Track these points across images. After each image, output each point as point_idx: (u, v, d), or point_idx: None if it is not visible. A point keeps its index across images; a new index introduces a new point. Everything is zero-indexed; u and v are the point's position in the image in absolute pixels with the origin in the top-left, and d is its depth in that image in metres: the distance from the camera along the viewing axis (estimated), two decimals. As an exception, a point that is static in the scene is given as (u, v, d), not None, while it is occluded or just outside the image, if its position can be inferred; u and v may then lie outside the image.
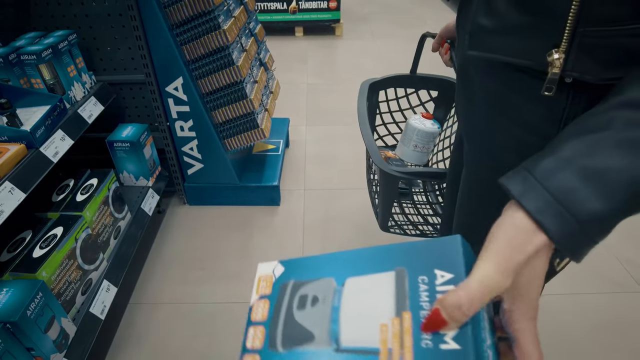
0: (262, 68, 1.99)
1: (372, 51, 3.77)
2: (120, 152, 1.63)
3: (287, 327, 0.40)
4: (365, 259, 0.40)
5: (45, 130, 1.24)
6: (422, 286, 0.36)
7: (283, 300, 0.41)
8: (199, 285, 1.64)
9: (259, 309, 0.42)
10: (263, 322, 0.41)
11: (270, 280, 0.44)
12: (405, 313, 0.35)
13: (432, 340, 0.33)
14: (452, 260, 0.36)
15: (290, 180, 2.18)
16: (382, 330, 0.36)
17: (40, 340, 1.04)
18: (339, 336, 0.37)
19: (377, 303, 0.37)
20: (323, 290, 0.40)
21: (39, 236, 1.19)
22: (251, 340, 0.41)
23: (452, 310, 0.32)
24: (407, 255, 0.38)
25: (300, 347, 0.38)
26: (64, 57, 1.40)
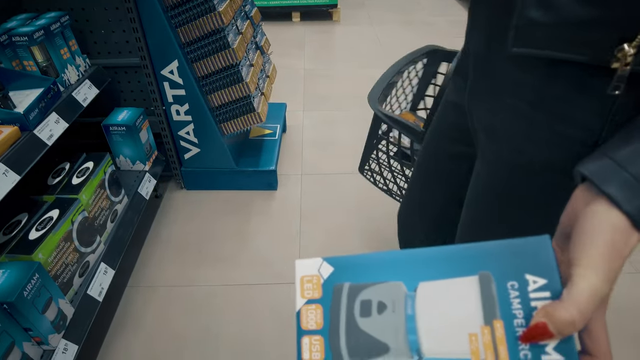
0: (258, 52, 1.98)
1: (370, 36, 3.74)
2: (116, 136, 1.62)
3: (352, 337, 0.36)
4: (438, 260, 0.36)
5: (39, 113, 1.23)
6: (513, 292, 0.33)
7: (340, 306, 0.37)
8: (196, 269, 1.64)
9: (310, 315, 0.38)
10: (319, 331, 0.37)
11: (317, 281, 0.39)
12: (497, 322, 0.33)
13: (530, 350, 0.32)
14: (544, 264, 0.33)
15: (288, 165, 2.18)
16: (471, 340, 0.33)
17: (38, 320, 1.05)
18: (420, 347, 0.34)
19: (461, 311, 0.34)
20: (390, 296, 0.36)
21: (34, 219, 1.19)
22: (308, 352, 0.37)
23: (563, 326, 0.31)
24: (489, 257, 0.35)
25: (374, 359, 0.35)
26: (56, 39, 1.39)
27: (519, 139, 0.55)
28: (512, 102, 0.55)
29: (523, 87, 0.53)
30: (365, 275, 0.38)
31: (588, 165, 0.37)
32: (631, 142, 0.37)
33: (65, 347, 1.15)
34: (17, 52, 1.32)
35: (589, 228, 0.35)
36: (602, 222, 0.34)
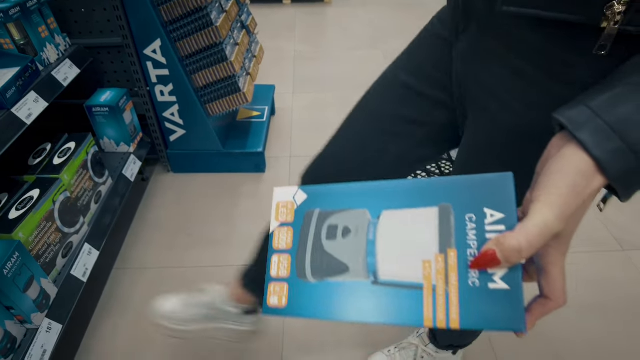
0: (244, 31, 1.95)
1: (362, 18, 3.69)
2: (100, 117, 1.60)
3: (317, 257, 0.39)
4: (403, 192, 0.38)
5: (16, 92, 1.21)
6: (470, 224, 0.35)
7: (309, 229, 0.40)
8: (185, 251, 1.64)
9: (282, 237, 0.41)
10: (288, 250, 0.40)
11: (291, 207, 0.42)
12: (451, 250, 0.35)
13: (479, 279, 0.33)
14: (504, 200, 0.34)
15: (276, 148, 2.16)
16: (424, 266, 0.35)
17: (20, 299, 1.05)
18: (376, 269, 0.37)
19: (419, 238, 0.36)
20: (355, 222, 0.39)
21: (15, 198, 1.17)
22: (276, 268, 0.40)
23: (511, 253, 0.32)
24: (451, 191, 0.36)
25: (333, 278, 0.38)
26: (33, 16, 1.36)
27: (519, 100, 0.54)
28: (513, 61, 0.53)
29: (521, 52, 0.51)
30: (335, 203, 0.40)
31: (565, 112, 0.38)
32: (608, 91, 0.37)
33: (49, 326, 1.15)
34: (-7, 30, 1.29)
35: (554, 169, 0.36)
36: (568, 164, 0.35)
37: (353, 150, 0.83)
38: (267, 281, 0.40)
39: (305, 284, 0.39)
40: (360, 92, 0.88)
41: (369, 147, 0.80)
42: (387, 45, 3.17)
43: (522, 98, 0.54)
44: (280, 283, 0.39)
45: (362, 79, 2.80)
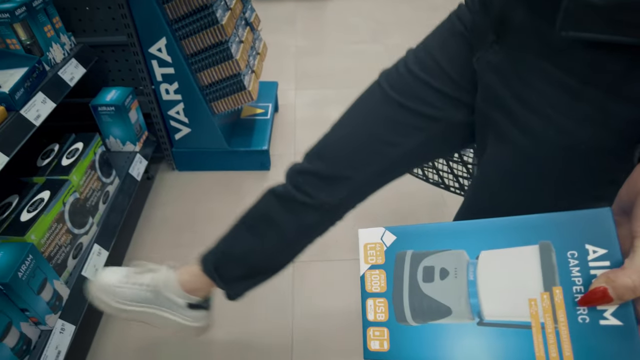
0: (248, 28, 1.94)
1: (363, 11, 3.68)
2: (105, 116, 1.59)
3: (415, 300, 0.39)
4: (499, 231, 0.38)
5: (25, 93, 1.20)
6: (572, 261, 0.35)
7: (403, 271, 0.40)
8: (190, 248, 1.64)
9: (374, 280, 0.41)
10: (383, 294, 0.41)
11: (380, 248, 0.42)
12: (556, 288, 0.35)
13: (588, 315, 0.33)
14: (604, 235, 0.34)
15: (280, 145, 2.16)
16: (531, 305, 0.35)
17: (34, 301, 1.05)
18: (481, 310, 0.37)
19: (521, 278, 0.36)
20: (453, 263, 0.39)
21: (25, 200, 1.18)
22: (373, 312, 0.40)
23: (625, 291, 0.32)
24: (550, 228, 0.36)
25: (436, 321, 0.38)
26: (39, 15, 1.35)
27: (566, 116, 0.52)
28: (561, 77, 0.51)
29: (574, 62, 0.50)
30: (427, 243, 0.40)
31: None
32: None
33: (62, 327, 1.15)
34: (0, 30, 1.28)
35: None
36: None
37: (363, 137, 0.82)
38: (365, 326, 0.41)
39: (407, 327, 0.39)
40: (362, 87, 0.89)
41: (381, 137, 0.79)
42: (388, 40, 3.16)
43: (569, 114, 0.52)
44: (380, 328, 0.40)
45: (364, 74, 2.79)
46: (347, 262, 1.59)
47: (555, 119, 0.52)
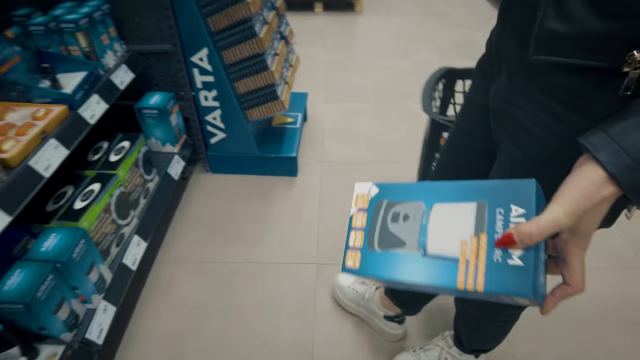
0: (283, 41, 2.05)
1: (392, 28, 3.78)
2: (149, 118, 1.72)
3: (382, 235, 0.53)
4: (450, 190, 0.51)
5: (83, 94, 1.34)
6: (499, 216, 0.46)
7: (378, 215, 0.55)
8: (220, 246, 1.75)
9: (358, 219, 0.56)
10: (362, 229, 0.55)
11: (366, 198, 0.57)
12: (482, 234, 0.46)
13: (501, 256, 0.44)
14: (526, 199, 0.45)
15: (308, 153, 2.26)
16: (462, 245, 0.47)
17: (83, 281, 1.16)
18: (426, 245, 0.49)
19: (459, 225, 0.48)
20: (413, 211, 0.52)
21: (79, 190, 1.30)
22: (352, 240, 0.55)
23: (523, 236, 0.42)
24: (488, 191, 0.48)
25: (393, 250, 0.51)
26: (98, 26, 1.49)
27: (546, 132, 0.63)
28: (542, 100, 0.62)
29: (550, 92, 0.60)
30: (399, 196, 0.55)
31: (588, 137, 0.47)
32: (624, 120, 0.46)
33: (105, 307, 1.26)
34: (64, 38, 1.42)
35: (571, 180, 0.46)
36: (583, 176, 0.45)
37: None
38: (346, 249, 0.55)
39: (373, 253, 0.53)
40: (389, 101, 0.99)
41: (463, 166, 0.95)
42: (416, 56, 3.24)
43: (551, 132, 0.62)
44: (355, 251, 0.54)
45: (391, 88, 2.89)
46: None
47: (540, 136, 0.64)
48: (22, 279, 1.04)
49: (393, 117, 2.49)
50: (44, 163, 1.13)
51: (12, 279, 1.04)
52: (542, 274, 0.43)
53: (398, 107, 2.59)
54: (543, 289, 0.44)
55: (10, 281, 1.04)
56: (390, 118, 2.49)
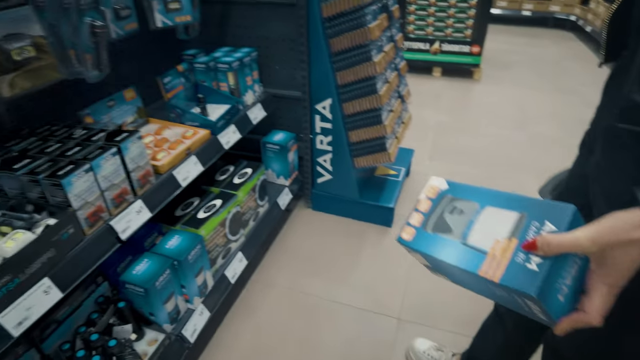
0: (399, 100, 2.18)
1: (509, 99, 3.72)
2: (270, 152, 1.93)
3: (438, 221, 0.65)
4: (503, 199, 0.62)
5: (224, 123, 1.57)
6: (533, 227, 0.54)
7: (440, 205, 0.67)
8: (309, 279, 1.83)
9: (423, 204, 0.69)
10: (424, 213, 0.68)
11: (436, 190, 0.70)
12: (514, 239, 0.55)
13: (523, 259, 0.51)
14: (560, 219, 0.52)
15: (406, 207, 2.29)
16: (495, 243, 0.56)
17: (191, 281, 1.33)
18: (467, 236, 0.60)
19: (499, 227, 0.57)
20: (468, 208, 0.64)
21: (203, 203, 1.50)
22: (413, 219, 0.68)
23: (543, 243, 0.49)
24: (531, 205, 0.57)
25: (441, 234, 0.63)
26: (246, 68, 1.76)
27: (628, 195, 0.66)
28: (630, 170, 0.63)
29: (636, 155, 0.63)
30: (461, 194, 0.67)
31: None
32: None
33: (202, 311, 1.41)
34: (218, 75, 1.71)
35: (610, 214, 0.50)
36: (621, 214, 0.49)
37: None
38: (406, 224, 0.68)
39: (425, 232, 0.65)
40: (498, 170, 1.03)
41: None
42: (534, 128, 3.14)
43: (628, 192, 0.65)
44: (412, 228, 0.67)
45: (499, 158, 2.83)
46: (451, 332, 1.60)
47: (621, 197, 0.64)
48: (147, 268, 1.23)
49: (499, 187, 2.42)
50: (184, 174, 1.34)
51: (140, 266, 1.24)
52: (560, 292, 0.49)
53: (507, 177, 2.52)
54: (559, 307, 0.50)
55: (138, 267, 1.23)
56: (496, 187, 2.42)
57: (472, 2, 3.78)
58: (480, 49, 3.97)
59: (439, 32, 4.01)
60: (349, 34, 1.74)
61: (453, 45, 4.03)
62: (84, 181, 1.00)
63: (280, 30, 1.90)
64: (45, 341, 1.12)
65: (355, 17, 1.70)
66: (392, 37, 2.07)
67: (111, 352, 1.11)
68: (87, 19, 1.08)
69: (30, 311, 0.88)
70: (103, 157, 1.04)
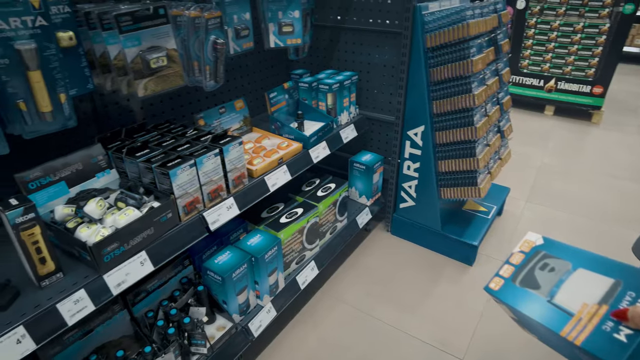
0: (499, 135, 2.10)
1: (631, 147, 3.33)
2: (356, 171, 1.99)
3: (527, 275, 0.67)
4: (597, 262, 0.62)
5: (316, 139, 1.67)
6: (628, 297, 0.54)
7: (532, 260, 0.70)
8: (377, 301, 1.84)
9: (516, 257, 0.72)
10: (515, 265, 0.71)
11: (531, 244, 0.73)
12: (605, 305, 0.55)
13: (611, 328, 0.51)
14: None
15: (491, 247, 2.18)
16: (583, 306, 0.57)
17: (264, 279, 1.43)
18: (555, 295, 0.61)
19: (589, 291, 0.58)
20: (560, 266, 0.65)
21: (287, 209, 1.61)
22: (503, 271, 0.71)
23: (635, 315, 0.49)
24: (628, 274, 0.57)
25: (528, 289, 0.65)
26: (344, 90, 1.85)
27: None
28: None
29: None
30: (556, 252, 0.68)
31: None
32: None
33: (269, 309, 1.50)
34: (318, 95, 1.83)
35: None
36: None
37: None
38: (495, 275, 0.70)
39: (513, 285, 0.67)
40: (605, 223, 0.98)
41: None
42: (658, 185, 2.77)
43: None
44: (501, 279, 0.69)
45: (606, 209, 2.55)
46: None
47: None
48: (228, 259, 1.36)
49: (605, 243, 2.18)
50: (273, 181, 1.46)
51: (222, 256, 1.37)
52: None
53: (608, 231, 2.26)
54: None
55: (220, 257, 1.36)
56: (601, 242, 2.19)
57: (600, 40, 3.49)
58: (603, 89, 3.63)
59: (556, 69, 3.76)
60: (451, 65, 1.75)
61: (571, 84, 3.74)
62: (187, 174, 1.15)
63: (383, 57, 1.97)
64: (135, 306, 1.29)
65: (459, 49, 1.71)
66: (497, 70, 2.02)
67: (184, 328, 1.24)
68: (212, 36, 1.25)
69: (128, 277, 1.04)
70: (206, 156, 1.19)
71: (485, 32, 1.87)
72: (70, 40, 1.00)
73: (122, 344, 1.25)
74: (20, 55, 0.89)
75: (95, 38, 1.11)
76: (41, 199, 1.08)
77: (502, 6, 2.06)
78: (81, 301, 0.95)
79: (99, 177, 1.21)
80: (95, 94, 1.36)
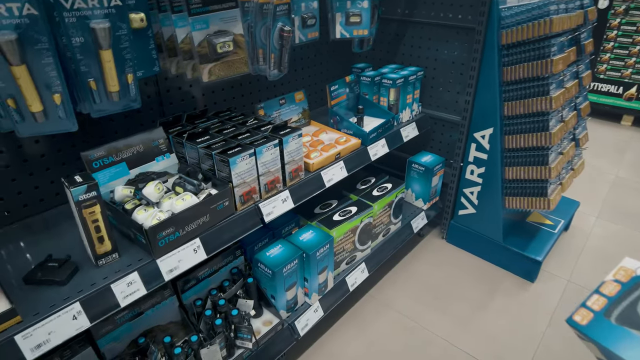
0: (573, 143, 1.92)
1: None
2: (414, 172, 1.90)
3: (626, 311, 0.56)
4: None
5: (375, 136, 1.60)
6: None
7: (633, 292, 0.58)
8: (426, 310, 1.74)
9: (609, 287, 0.61)
10: (608, 297, 0.59)
11: (630, 273, 0.61)
12: None
13: None
14: None
15: (556, 264, 2.01)
16: None
17: (314, 277, 1.38)
18: None
19: None
20: None
21: (340, 207, 1.55)
22: (592, 302, 0.60)
23: None
24: None
25: (629, 329, 0.54)
26: (409, 87, 1.76)
27: None
28: None
29: None
30: None
31: None
32: None
33: (316, 308, 1.45)
34: (380, 90, 1.75)
35: None
36: None
37: None
38: (582, 305, 0.59)
39: (607, 321, 0.55)
40: None
41: None
42: None
43: None
44: (589, 311, 0.57)
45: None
46: None
47: None
48: (279, 253, 1.32)
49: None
50: (329, 176, 1.41)
51: (274, 250, 1.33)
52: None
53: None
54: None
55: (272, 251, 1.33)
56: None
57: (694, 45, 3.14)
58: (695, 101, 3.27)
59: (639, 75, 3.43)
60: (528, 64, 1.61)
61: (657, 92, 3.40)
62: (246, 163, 1.12)
63: (451, 53, 1.86)
64: (185, 293, 1.29)
65: (539, 47, 1.57)
66: (577, 73, 1.85)
67: (231, 320, 1.22)
68: (279, 23, 1.22)
69: (181, 263, 1.02)
70: (266, 146, 1.16)
71: (568, 30, 1.71)
72: (142, 22, 0.99)
73: (170, 329, 1.25)
74: (95, 34, 0.89)
75: (165, 21, 1.10)
76: (103, 179, 1.09)
77: (589, 1, 1.88)
78: (134, 284, 0.94)
79: (159, 160, 1.21)
80: (160, 77, 1.36)
